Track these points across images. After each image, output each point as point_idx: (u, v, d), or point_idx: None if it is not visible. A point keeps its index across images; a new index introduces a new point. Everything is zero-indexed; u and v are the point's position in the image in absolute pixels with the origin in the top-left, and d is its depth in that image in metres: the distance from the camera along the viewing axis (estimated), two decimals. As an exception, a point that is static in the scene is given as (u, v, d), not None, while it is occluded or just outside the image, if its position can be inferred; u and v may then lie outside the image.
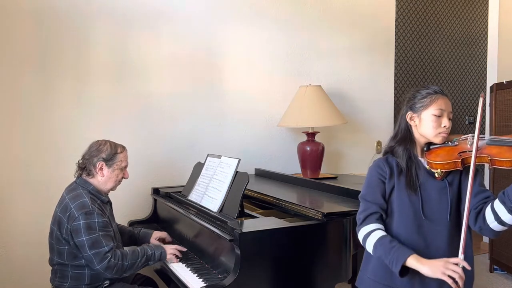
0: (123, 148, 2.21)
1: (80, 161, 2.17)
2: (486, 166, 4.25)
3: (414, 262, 1.44)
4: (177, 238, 2.53)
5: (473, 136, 1.52)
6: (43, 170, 2.80)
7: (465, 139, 1.58)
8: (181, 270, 2.09)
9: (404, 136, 1.64)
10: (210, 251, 2.13)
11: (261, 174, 3.23)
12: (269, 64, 3.46)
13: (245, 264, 1.80)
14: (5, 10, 2.69)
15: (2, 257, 2.73)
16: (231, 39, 3.31)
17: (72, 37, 2.85)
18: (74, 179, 2.19)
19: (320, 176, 3.24)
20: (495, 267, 3.70)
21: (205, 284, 1.89)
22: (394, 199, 1.61)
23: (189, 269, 2.09)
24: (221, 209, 2.21)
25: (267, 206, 2.44)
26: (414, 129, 1.64)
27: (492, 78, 4.21)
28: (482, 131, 5.78)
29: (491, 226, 1.50)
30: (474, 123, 5.98)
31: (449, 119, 1.60)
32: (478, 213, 1.55)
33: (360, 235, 1.59)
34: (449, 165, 1.55)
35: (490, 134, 3.68)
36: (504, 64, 4.18)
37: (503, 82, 3.54)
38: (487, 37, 4.56)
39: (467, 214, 1.47)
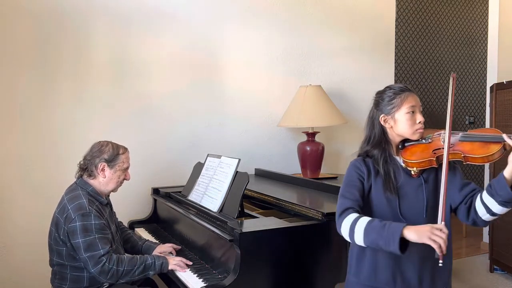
0: (125, 149, 2.20)
1: (82, 162, 2.16)
2: (487, 165, 4.25)
3: (405, 232, 1.40)
4: (177, 238, 2.54)
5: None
6: (43, 170, 2.80)
7: (438, 136, 1.61)
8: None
9: (379, 139, 1.64)
10: (210, 251, 2.13)
11: (261, 174, 3.23)
12: (269, 64, 3.46)
13: (245, 264, 1.80)
14: (5, 10, 2.69)
15: (2, 257, 2.73)
16: (231, 39, 3.31)
17: (72, 37, 2.85)
18: (75, 179, 2.18)
19: (320, 176, 3.24)
20: (495, 267, 3.70)
21: (205, 284, 1.89)
22: (372, 198, 1.62)
23: (189, 269, 2.08)
24: (221, 209, 2.21)
25: (267, 206, 2.44)
26: (389, 131, 1.65)
27: (492, 78, 4.20)
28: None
29: (483, 218, 1.54)
30: (474, 123, 5.98)
31: (420, 112, 1.62)
32: (469, 208, 1.57)
33: (345, 226, 1.51)
34: (425, 163, 1.57)
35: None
36: (504, 64, 4.18)
37: (503, 82, 3.54)
38: (487, 37, 4.56)
39: (443, 206, 1.47)
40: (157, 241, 2.47)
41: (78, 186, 2.11)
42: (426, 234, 1.37)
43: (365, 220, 1.48)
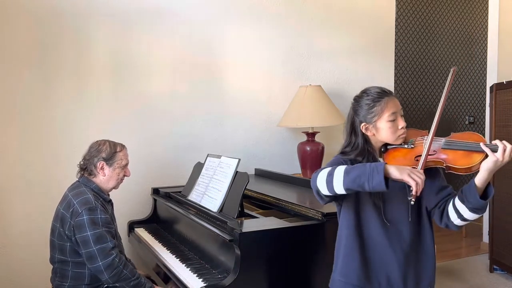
0: (123, 146, 2.23)
1: (81, 162, 2.19)
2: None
3: (387, 167, 1.40)
4: (177, 238, 2.54)
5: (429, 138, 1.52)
6: (43, 170, 2.80)
7: (421, 140, 1.57)
8: (181, 270, 2.09)
9: (363, 148, 1.61)
10: (210, 251, 2.13)
11: (261, 174, 3.23)
12: (269, 64, 3.46)
13: (245, 264, 1.80)
14: (6, 9, 2.69)
15: (2, 257, 2.73)
16: (231, 39, 3.31)
17: (72, 37, 2.85)
18: (76, 179, 2.20)
19: (320, 176, 3.23)
20: (495, 267, 3.70)
21: (205, 284, 1.89)
22: (359, 198, 1.60)
23: (189, 269, 2.09)
24: (221, 209, 2.21)
25: (267, 206, 2.44)
26: (372, 138, 1.62)
27: (492, 78, 4.20)
28: (482, 131, 5.78)
29: (455, 223, 1.54)
30: (474, 123, 5.98)
31: (401, 116, 1.59)
32: (442, 211, 1.58)
33: (322, 175, 1.48)
34: None
35: (490, 134, 3.69)
36: (504, 64, 4.18)
37: (503, 82, 3.54)
38: (487, 37, 4.56)
39: (425, 156, 1.47)
40: None
41: (81, 184, 2.14)
42: (406, 172, 1.38)
43: (345, 166, 1.47)
